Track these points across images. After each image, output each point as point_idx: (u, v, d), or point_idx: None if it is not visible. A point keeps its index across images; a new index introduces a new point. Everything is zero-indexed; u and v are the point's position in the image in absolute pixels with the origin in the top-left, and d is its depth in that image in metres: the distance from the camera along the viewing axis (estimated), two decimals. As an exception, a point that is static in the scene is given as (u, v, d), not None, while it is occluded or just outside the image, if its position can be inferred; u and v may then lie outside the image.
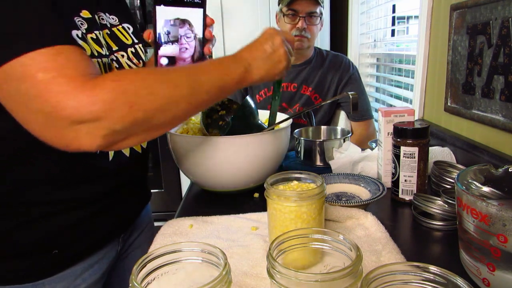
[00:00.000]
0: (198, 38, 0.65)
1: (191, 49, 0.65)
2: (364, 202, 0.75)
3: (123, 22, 0.77)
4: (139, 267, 0.42)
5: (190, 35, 0.65)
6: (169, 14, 0.61)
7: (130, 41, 0.76)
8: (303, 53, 1.56)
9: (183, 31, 0.64)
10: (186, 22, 0.64)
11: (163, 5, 0.60)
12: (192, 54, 0.66)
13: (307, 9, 1.44)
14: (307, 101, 1.56)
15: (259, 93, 1.60)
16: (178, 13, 0.62)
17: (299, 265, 0.51)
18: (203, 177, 0.88)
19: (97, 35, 0.66)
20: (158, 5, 0.60)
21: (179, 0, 0.62)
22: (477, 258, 0.50)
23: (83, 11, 0.65)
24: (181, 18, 0.63)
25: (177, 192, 2.46)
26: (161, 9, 0.61)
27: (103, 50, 0.66)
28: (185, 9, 0.62)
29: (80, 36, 0.61)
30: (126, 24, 0.77)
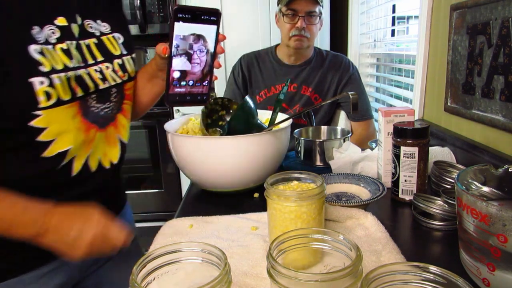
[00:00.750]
0: (210, 53, 0.68)
1: (202, 64, 0.68)
2: (364, 202, 0.75)
3: (115, 31, 0.74)
4: (139, 267, 0.42)
5: (203, 50, 0.67)
6: (185, 30, 0.64)
7: (118, 52, 0.74)
8: (303, 53, 1.56)
9: (197, 47, 0.66)
10: (201, 38, 0.66)
11: (182, 22, 0.63)
12: (202, 68, 0.68)
13: (306, 9, 1.43)
14: (307, 102, 1.56)
15: (259, 93, 1.60)
16: (194, 29, 0.65)
17: (299, 265, 0.51)
18: (203, 177, 0.88)
19: (68, 45, 0.63)
20: (177, 21, 0.62)
21: (197, 17, 0.64)
22: (477, 258, 0.50)
23: (58, 18, 0.63)
24: (196, 34, 0.65)
25: (177, 192, 2.46)
26: (179, 26, 0.63)
27: (71, 63, 0.63)
28: (201, 25, 0.65)
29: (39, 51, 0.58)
30: (118, 33, 0.75)
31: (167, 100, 0.67)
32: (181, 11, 0.62)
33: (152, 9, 2.41)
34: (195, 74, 0.68)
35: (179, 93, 0.67)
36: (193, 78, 0.68)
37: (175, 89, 0.67)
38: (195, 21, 0.64)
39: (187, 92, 0.69)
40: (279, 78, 1.58)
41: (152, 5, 2.40)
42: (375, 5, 1.95)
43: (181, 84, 0.67)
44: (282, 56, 1.60)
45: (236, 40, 2.14)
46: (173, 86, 0.67)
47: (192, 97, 0.69)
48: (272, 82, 1.58)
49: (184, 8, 0.62)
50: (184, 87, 0.68)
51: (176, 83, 0.67)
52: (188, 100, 0.69)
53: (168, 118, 2.30)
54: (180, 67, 0.66)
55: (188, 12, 0.62)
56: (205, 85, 0.70)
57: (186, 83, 0.68)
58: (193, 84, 0.69)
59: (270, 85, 1.58)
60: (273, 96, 1.57)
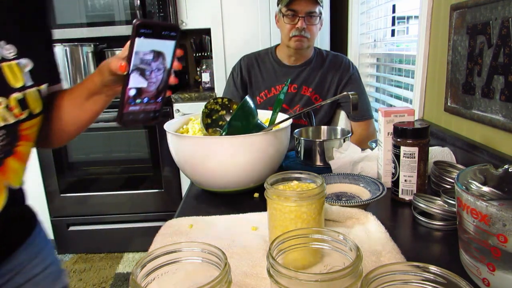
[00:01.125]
0: (167, 69, 0.65)
1: (158, 81, 0.65)
2: (364, 202, 0.75)
3: (22, 57, 0.62)
4: (139, 267, 0.42)
5: (161, 67, 0.64)
6: (146, 46, 0.60)
7: (20, 83, 0.61)
8: (303, 54, 1.56)
9: (155, 64, 0.63)
10: (160, 54, 0.63)
11: (143, 37, 0.59)
12: (158, 86, 0.65)
13: (306, 9, 1.43)
14: (307, 102, 1.56)
15: (260, 94, 1.60)
16: (154, 45, 0.62)
17: (299, 265, 0.51)
18: (203, 177, 0.88)
19: None
20: (139, 37, 0.59)
21: (158, 33, 0.61)
22: (477, 258, 0.50)
23: None
24: (156, 50, 0.62)
25: (177, 192, 2.46)
26: (140, 41, 0.59)
27: None
28: (161, 41, 0.62)
29: None
30: (26, 59, 0.62)
31: (120, 119, 0.62)
32: (143, 26, 0.58)
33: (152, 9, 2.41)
34: (150, 91, 0.65)
35: (133, 111, 0.63)
36: (148, 96, 0.65)
37: (130, 107, 0.63)
38: (156, 36, 0.61)
39: (141, 110, 0.65)
40: (279, 79, 1.58)
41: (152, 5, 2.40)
42: (375, 5, 1.95)
43: (136, 102, 0.63)
44: (282, 57, 1.60)
45: (236, 40, 2.14)
46: (128, 105, 0.62)
47: (145, 114, 0.66)
48: (272, 83, 1.58)
49: (146, 24, 0.59)
50: (139, 105, 0.64)
51: (131, 101, 0.63)
52: (141, 118, 0.65)
53: (168, 118, 2.30)
54: (137, 84, 0.62)
55: (149, 28, 0.59)
56: (158, 101, 0.67)
57: (141, 101, 0.64)
58: (148, 101, 0.65)
59: (270, 86, 1.58)
60: (273, 97, 1.57)
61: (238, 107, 0.89)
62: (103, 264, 2.39)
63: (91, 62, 2.44)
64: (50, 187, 2.43)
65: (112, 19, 2.43)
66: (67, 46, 2.36)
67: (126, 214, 2.49)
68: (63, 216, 2.48)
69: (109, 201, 2.47)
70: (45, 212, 2.47)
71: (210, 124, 1.03)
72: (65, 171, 2.42)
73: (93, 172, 2.45)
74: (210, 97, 2.34)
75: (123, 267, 2.35)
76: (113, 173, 2.45)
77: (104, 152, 2.43)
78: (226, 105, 1.07)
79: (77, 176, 2.45)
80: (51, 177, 2.41)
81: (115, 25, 2.43)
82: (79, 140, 2.37)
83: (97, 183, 2.46)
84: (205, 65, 2.60)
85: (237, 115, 0.88)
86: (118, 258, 2.45)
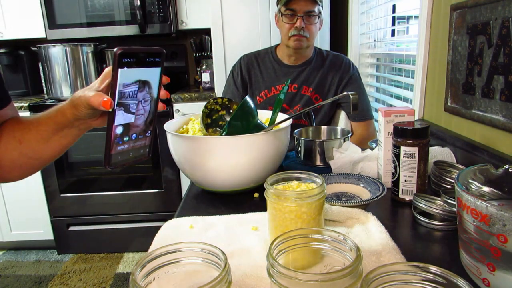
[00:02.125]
0: (154, 99, 0.59)
1: (146, 113, 0.59)
2: (364, 202, 0.75)
3: None
4: (139, 267, 0.42)
5: (147, 98, 0.58)
6: (130, 77, 0.54)
7: None
8: (303, 53, 1.56)
9: (141, 95, 0.57)
10: (146, 84, 0.57)
11: (126, 68, 0.53)
12: (146, 119, 0.60)
13: (305, 8, 1.43)
14: (308, 102, 1.56)
15: (260, 94, 1.60)
16: (139, 74, 0.56)
17: (299, 265, 0.51)
18: (203, 177, 0.88)
19: None
20: (122, 67, 0.52)
21: (141, 60, 0.55)
22: (477, 258, 0.50)
23: None
24: (142, 80, 0.56)
25: (177, 192, 2.46)
26: (123, 72, 0.53)
27: None
28: (145, 69, 0.56)
29: None
30: None
31: (108, 163, 0.56)
32: (125, 55, 0.52)
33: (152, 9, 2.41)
34: (139, 126, 0.59)
35: (121, 151, 0.57)
36: (136, 131, 0.59)
37: (118, 147, 0.57)
38: (140, 65, 0.55)
39: (130, 148, 0.59)
40: (280, 79, 1.58)
41: (152, 5, 2.40)
42: (375, 5, 1.95)
43: (124, 140, 0.57)
44: (282, 56, 1.60)
45: (236, 40, 2.14)
46: (116, 145, 0.56)
47: (134, 152, 0.60)
48: (272, 82, 1.58)
49: (129, 52, 0.53)
50: (127, 143, 0.58)
51: (119, 140, 0.56)
52: (131, 157, 0.59)
53: (168, 118, 2.30)
54: (123, 120, 0.56)
55: (132, 56, 0.54)
56: (147, 135, 0.61)
57: (129, 138, 0.58)
58: (136, 137, 0.59)
59: (270, 86, 1.58)
60: (274, 96, 1.57)
61: (238, 107, 0.89)
62: (103, 264, 2.39)
63: (91, 62, 2.44)
64: (50, 187, 2.43)
65: (112, 19, 2.43)
66: (67, 46, 2.36)
67: (126, 214, 2.49)
68: (63, 216, 2.48)
69: (109, 201, 2.47)
70: (45, 212, 2.47)
71: (210, 124, 1.03)
72: (65, 171, 2.42)
73: (93, 172, 2.45)
74: (210, 97, 2.34)
75: (123, 267, 2.35)
76: (113, 173, 2.45)
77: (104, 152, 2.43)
78: (226, 105, 1.07)
79: (77, 176, 2.45)
80: (51, 177, 2.41)
81: (115, 25, 2.43)
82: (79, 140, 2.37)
83: (97, 183, 2.46)
84: (205, 65, 2.60)
85: (237, 115, 0.88)
86: (118, 258, 2.45)
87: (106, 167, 0.57)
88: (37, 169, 0.73)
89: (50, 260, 2.48)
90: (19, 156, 0.68)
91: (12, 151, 0.67)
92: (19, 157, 0.68)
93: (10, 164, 0.69)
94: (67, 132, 0.66)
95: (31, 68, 2.71)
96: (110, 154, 0.56)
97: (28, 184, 2.42)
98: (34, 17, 2.47)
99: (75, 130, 0.66)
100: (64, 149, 0.70)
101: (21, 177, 0.72)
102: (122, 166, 0.59)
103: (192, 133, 0.98)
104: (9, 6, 2.48)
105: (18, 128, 0.68)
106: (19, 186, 2.43)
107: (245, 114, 0.89)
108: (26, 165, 0.70)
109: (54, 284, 2.20)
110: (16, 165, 0.69)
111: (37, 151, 0.68)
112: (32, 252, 2.59)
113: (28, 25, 2.50)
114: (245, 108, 0.89)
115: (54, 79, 2.40)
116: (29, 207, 2.47)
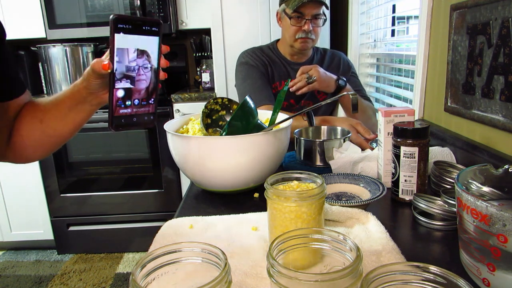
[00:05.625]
0: (154, 68, 0.62)
1: (147, 80, 0.62)
2: (364, 202, 0.75)
3: None
4: (139, 267, 0.42)
5: (147, 65, 0.61)
6: (128, 43, 0.58)
7: None
8: (305, 52, 1.59)
9: (141, 62, 0.60)
10: (145, 52, 0.60)
11: (122, 33, 0.56)
12: (147, 86, 0.63)
13: (313, 12, 1.44)
14: (312, 96, 1.58)
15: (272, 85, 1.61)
16: (136, 42, 0.59)
17: (299, 265, 0.51)
18: (203, 177, 0.88)
19: None
20: (117, 32, 0.56)
21: (138, 28, 0.58)
22: (477, 258, 0.50)
23: None
24: (140, 48, 0.60)
25: (177, 192, 2.46)
26: (120, 37, 0.56)
27: None
28: (142, 37, 0.59)
29: None
30: None
31: (111, 124, 0.60)
32: (121, 21, 0.56)
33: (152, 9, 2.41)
34: (141, 92, 0.62)
35: (124, 114, 0.61)
36: (139, 97, 0.62)
37: (120, 110, 0.60)
38: (136, 32, 0.58)
39: (134, 113, 0.62)
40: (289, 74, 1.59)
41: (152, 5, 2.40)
42: (375, 5, 1.95)
43: (126, 104, 0.60)
44: (284, 53, 1.61)
45: (236, 40, 2.14)
46: (118, 107, 0.60)
47: (138, 118, 0.63)
48: (284, 77, 1.59)
49: (124, 18, 0.56)
50: (130, 107, 0.61)
51: (121, 103, 0.60)
52: (135, 122, 0.63)
53: (168, 118, 2.30)
54: (124, 84, 0.59)
55: (128, 23, 0.57)
56: (151, 103, 0.64)
57: (131, 103, 0.61)
58: (139, 103, 0.62)
59: (281, 79, 1.59)
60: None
61: (238, 107, 0.89)
62: (103, 264, 2.39)
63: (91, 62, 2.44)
64: (50, 187, 2.43)
65: (112, 19, 2.43)
66: (67, 46, 2.36)
67: (126, 214, 2.49)
68: (63, 216, 2.48)
69: (109, 201, 2.47)
70: (45, 212, 2.47)
71: (210, 124, 1.03)
72: (65, 171, 2.42)
73: (93, 172, 2.45)
74: (210, 97, 2.34)
75: (123, 267, 2.35)
76: (113, 173, 2.45)
77: (104, 152, 2.44)
78: (226, 105, 1.07)
79: (77, 176, 2.45)
80: (51, 177, 2.41)
81: (115, 25, 2.43)
82: (79, 140, 2.37)
83: (97, 183, 2.46)
84: (205, 65, 2.60)
85: (237, 115, 0.88)
86: (118, 258, 2.45)
87: (110, 128, 0.60)
88: (58, 146, 0.78)
89: (50, 260, 2.48)
90: (41, 135, 0.73)
91: (35, 131, 0.73)
92: (41, 136, 0.74)
93: (34, 143, 0.74)
94: (81, 108, 0.70)
95: (31, 68, 2.71)
96: (113, 116, 0.59)
97: (28, 184, 2.42)
98: (34, 17, 2.47)
99: (88, 105, 0.70)
100: (79, 126, 0.74)
101: (43, 156, 0.79)
102: (126, 129, 0.63)
103: (192, 133, 0.98)
104: (9, 6, 2.48)
105: (39, 109, 0.73)
106: (19, 186, 2.43)
107: (245, 114, 0.89)
108: (48, 143, 0.75)
109: (54, 284, 2.20)
110: (38, 144, 0.75)
111: (56, 129, 0.73)
112: (32, 252, 2.59)
113: (28, 25, 2.50)
114: (245, 108, 0.89)
115: (54, 79, 2.40)
116: (29, 207, 2.48)
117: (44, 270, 2.36)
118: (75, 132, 0.75)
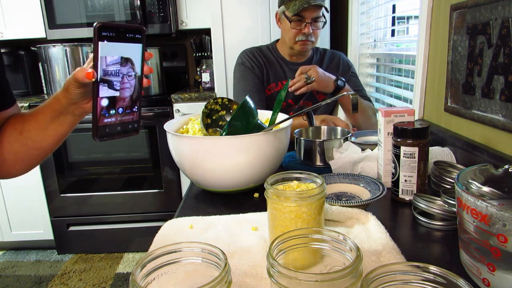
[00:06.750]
0: (137, 76, 0.62)
1: (131, 88, 0.62)
2: (364, 202, 0.75)
3: None
4: (139, 267, 0.42)
5: (131, 73, 0.61)
6: (111, 51, 0.57)
7: None
8: (305, 53, 1.59)
9: (125, 70, 0.60)
10: (128, 60, 0.60)
11: (106, 41, 0.56)
12: (131, 93, 0.62)
13: (313, 15, 1.45)
14: (311, 97, 1.58)
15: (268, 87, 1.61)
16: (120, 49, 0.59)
17: (299, 265, 0.51)
18: (203, 177, 0.88)
19: None
20: (102, 41, 0.55)
21: (121, 35, 0.58)
22: (477, 258, 0.50)
23: None
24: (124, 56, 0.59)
25: (177, 192, 2.46)
26: (104, 45, 0.56)
27: None
28: (126, 44, 0.59)
29: None
30: None
31: (96, 134, 0.59)
32: (104, 28, 0.55)
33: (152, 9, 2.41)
34: (125, 100, 0.61)
35: (109, 123, 0.60)
36: (123, 106, 0.61)
37: (104, 119, 0.59)
38: (120, 40, 0.58)
39: (118, 122, 0.61)
40: (286, 74, 1.59)
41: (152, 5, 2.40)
42: (375, 5, 1.95)
43: (110, 113, 0.60)
44: (283, 54, 1.62)
45: (236, 40, 2.14)
46: (102, 117, 0.59)
47: (123, 126, 0.62)
48: (280, 78, 1.59)
49: (107, 26, 0.56)
50: (114, 116, 0.60)
51: (105, 112, 0.59)
52: (119, 131, 0.62)
53: (168, 118, 2.30)
54: (108, 93, 0.59)
55: (111, 30, 0.57)
56: (135, 111, 0.64)
57: (115, 112, 0.61)
58: (123, 111, 0.62)
59: (277, 81, 1.59)
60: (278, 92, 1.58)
61: (238, 107, 0.89)
62: (103, 264, 2.39)
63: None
64: (50, 187, 2.43)
65: (112, 19, 2.43)
66: (67, 46, 2.36)
67: (126, 214, 2.49)
68: (63, 216, 2.48)
69: (109, 201, 2.47)
70: (45, 212, 2.47)
71: (210, 124, 1.03)
72: (65, 171, 2.42)
73: (93, 172, 2.45)
74: (210, 97, 2.34)
75: (123, 267, 2.35)
76: (113, 173, 2.45)
77: (104, 152, 2.44)
78: (226, 105, 1.07)
79: (77, 176, 2.45)
80: (51, 177, 2.41)
81: (115, 25, 2.43)
82: (79, 140, 2.37)
83: (97, 183, 2.46)
84: (205, 65, 2.60)
85: (237, 115, 0.88)
86: (118, 258, 2.45)
87: (95, 138, 0.59)
88: (39, 161, 0.74)
89: (50, 260, 2.48)
90: (20, 147, 0.70)
91: (13, 143, 0.70)
92: (20, 148, 0.70)
93: (13, 157, 0.71)
94: (63, 119, 0.68)
95: (31, 68, 2.71)
96: (97, 126, 0.58)
97: (28, 184, 2.42)
98: (34, 17, 2.47)
99: (70, 116, 0.68)
100: (62, 138, 0.72)
101: (24, 171, 0.75)
102: (110, 139, 0.61)
103: (192, 133, 0.98)
104: (9, 6, 2.48)
105: (19, 120, 0.71)
106: (19, 186, 2.43)
107: (245, 114, 0.89)
108: (27, 156, 0.72)
109: (54, 284, 2.20)
110: (18, 158, 0.72)
111: (36, 141, 0.70)
112: (32, 252, 2.59)
113: (28, 25, 2.50)
114: (245, 108, 0.89)
115: (54, 79, 2.40)
116: (29, 207, 2.48)
117: (44, 270, 2.36)
118: (58, 144, 0.72)
